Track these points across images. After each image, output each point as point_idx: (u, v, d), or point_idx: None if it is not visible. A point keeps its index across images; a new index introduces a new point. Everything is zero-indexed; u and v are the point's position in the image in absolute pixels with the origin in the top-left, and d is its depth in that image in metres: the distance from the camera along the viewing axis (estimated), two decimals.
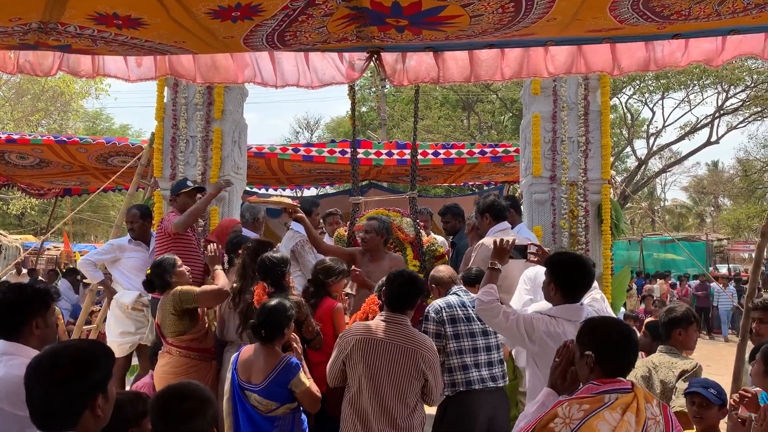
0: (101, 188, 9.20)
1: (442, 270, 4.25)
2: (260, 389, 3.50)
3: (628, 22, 3.16)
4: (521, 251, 3.53)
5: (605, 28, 3.26)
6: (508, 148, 8.93)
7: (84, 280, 9.73)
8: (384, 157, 9.24)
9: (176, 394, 2.24)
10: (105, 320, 5.95)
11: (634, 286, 16.59)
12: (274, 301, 3.66)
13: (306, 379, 3.57)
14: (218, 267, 4.39)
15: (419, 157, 8.14)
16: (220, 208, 6.28)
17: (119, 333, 5.54)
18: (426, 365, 3.35)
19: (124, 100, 67.42)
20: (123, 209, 6.79)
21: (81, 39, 3.04)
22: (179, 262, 4.36)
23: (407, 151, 8.67)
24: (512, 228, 4.97)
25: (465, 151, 9.42)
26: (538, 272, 3.47)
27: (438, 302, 3.93)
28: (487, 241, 4.68)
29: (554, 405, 2.27)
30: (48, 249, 20.68)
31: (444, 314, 3.84)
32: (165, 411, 2.18)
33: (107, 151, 8.40)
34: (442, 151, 9.43)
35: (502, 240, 3.47)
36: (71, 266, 13.77)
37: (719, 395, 3.16)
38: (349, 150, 8.02)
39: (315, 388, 3.60)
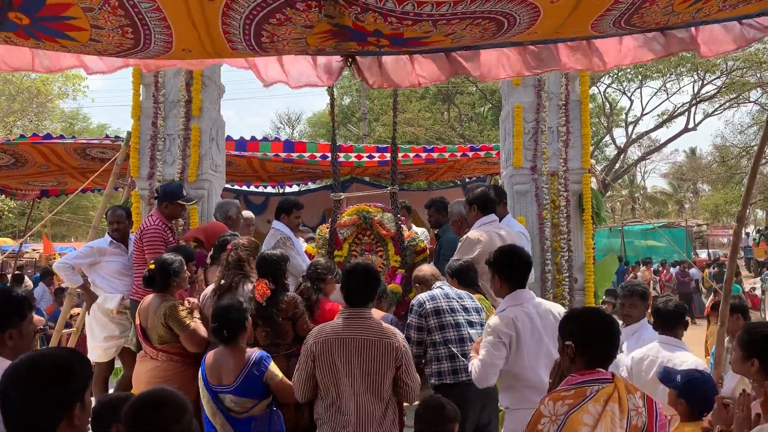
0: (80, 189, 9.08)
1: (424, 269, 4.27)
2: (234, 389, 3.48)
3: (607, 34, 3.25)
4: None
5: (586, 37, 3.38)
6: (490, 152, 8.95)
7: (61, 284, 9.59)
8: (365, 159, 9.28)
9: (151, 401, 2.16)
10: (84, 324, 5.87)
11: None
12: (226, 301, 3.67)
13: (278, 370, 3.58)
14: (197, 316, 4.31)
15: (400, 158, 8.17)
16: (199, 206, 6.21)
17: (104, 337, 5.47)
18: (395, 354, 3.26)
19: (102, 99, 66.60)
20: (100, 210, 6.69)
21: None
22: (185, 267, 4.35)
23: (387, 155, 8.72)
24: (500, 220, 4.96)
25: (447, 154, 9.48)
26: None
27: (422, 295, 3.93)
28: (472, 234, 4.67)
29: (539, 403, 2.28)
30: (27, 252, 20.40)
31: (428, 306, 3.83)
32: (139, 420, 2.11)
33: (85, 147, 8.28)
34: (423, 154, 9.53)
35: None
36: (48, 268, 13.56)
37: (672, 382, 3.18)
38: (328, 155, 8.06)
39: (287, 380, 3.59)
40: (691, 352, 3.77)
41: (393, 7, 2.77)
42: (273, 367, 3.57)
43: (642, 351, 3.80)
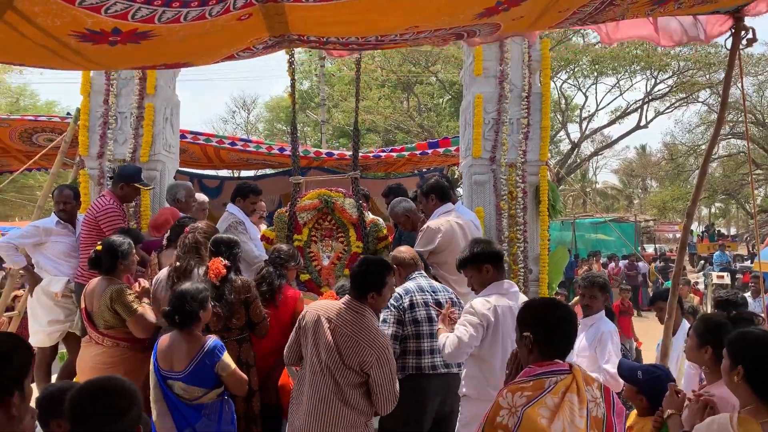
0: (24, 167, 8.71)
1: (404, 251, 4.13)
2: (184, 376, 3.39)
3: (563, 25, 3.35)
4: None
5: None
6: (449, 148, 8.96)
7: (3, 265, 9.19)
8: (323, 156, 9.22)
9: (97, 390, 2.04)
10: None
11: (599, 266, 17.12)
12: (185, 285, 3.57)
13: (231, 361, 3.50)
14: (146, 301, 4.18)
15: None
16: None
17: (47, 322, 5.28)
18: (368, 363, 3.15)
19: (51, 74, 63.93)
20: (46, 189, 6.43)
21: None
22: (134, 250, 4.22)
23: (346, 152, 8.77)
24: None
25: (407, 153, 9.47)
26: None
27: (396, 290, 3.83)
28: (433, 224, 4.66)
29: (497, 395, 2.27)
30: None
31: (404, 300, 3.77)
32: (84, 410, 1.98)
33: (31, 127, 7.93)
34: (383, 154, 9.51)
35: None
36: None
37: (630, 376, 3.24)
38: (286, 149, 7.98)
39: (240, 371, 3.54)
40: None
41: (356, 40, 2.78)
42: (226, 357, 3.47)
43: None
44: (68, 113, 7.97)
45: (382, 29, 2.73)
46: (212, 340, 3.49)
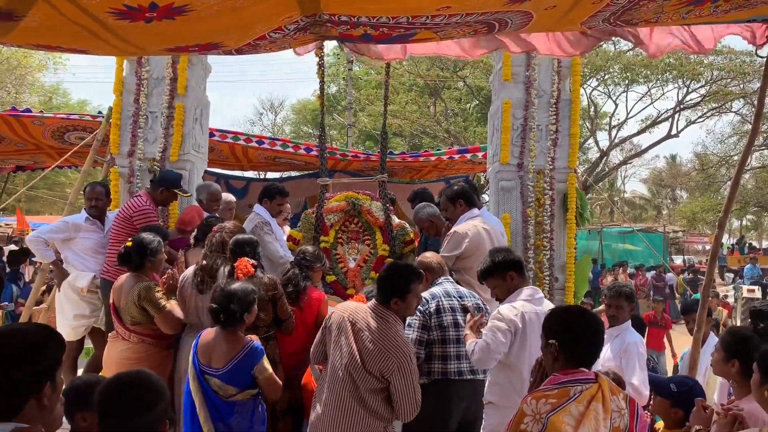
0: (56, 164, 8.89)
1: (430, 257, 4.11)
2: (221, 374, 3.42)
3: (596, 28, 3.29)
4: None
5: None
6: (477, 153, 8.92)
7: (33, 259, 9.38)
8: (350, 157, 9.25)
9: (124, 384, 2.06)
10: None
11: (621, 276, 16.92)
12: (235, 285, 3.59)
13: (269, 365, 3.51)
14: (174, 298, 4.24)
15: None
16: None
17: (73, 316, 5.36)
18: (389, 369, 3.10)
19: (83, 74, 65.06)
20: (77, 186, 6.54)
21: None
22: (163, 248, 4.29)
23: (373, 156, 8.79)
24: None
25: (434, 158, 9.47)
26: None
27: (423, 294, 3.77)
28: (460, 229, 4.64)
29: (521, 402, 2.24)
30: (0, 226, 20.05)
31: (430, 305, 3.74)
32: (111, 403, 2.01)
33: (64, 125, 8.09)
34: (410, 158, 9.52)
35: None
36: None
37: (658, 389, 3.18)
38: (313, 149, 8.03)
39: (275, 376, 3.56)
40: None
41: (387, 21, 2.77)
42: (265, 361, 3.48)
43: None
44: (99, 112, 8.12)
45: (414, 8, 2.72)
46: (255, 343, 3.50)
